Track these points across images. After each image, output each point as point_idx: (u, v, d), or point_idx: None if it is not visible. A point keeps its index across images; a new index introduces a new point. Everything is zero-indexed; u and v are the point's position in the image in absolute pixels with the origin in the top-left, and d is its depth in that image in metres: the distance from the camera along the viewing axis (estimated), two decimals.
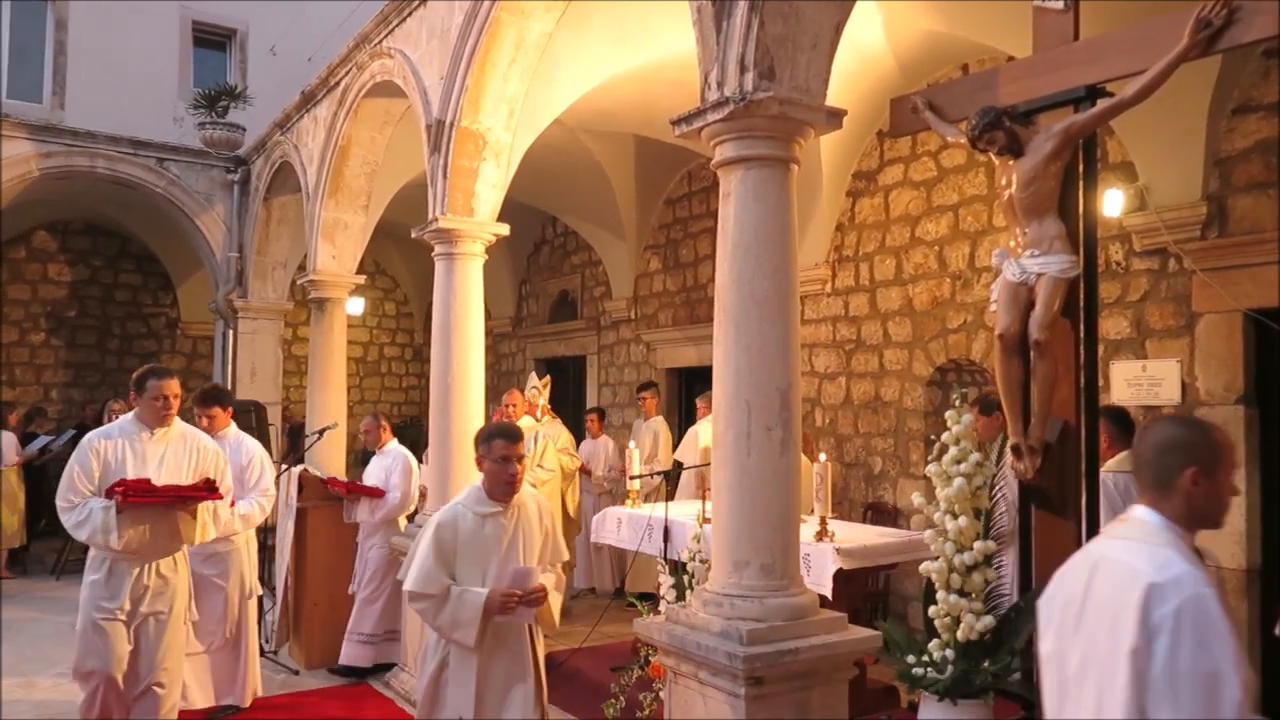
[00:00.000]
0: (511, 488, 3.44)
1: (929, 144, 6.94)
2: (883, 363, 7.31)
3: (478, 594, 3.30)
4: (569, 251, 11.60)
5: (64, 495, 4.18)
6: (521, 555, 3.46)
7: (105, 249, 13.27)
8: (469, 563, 3.37)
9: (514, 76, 5.85)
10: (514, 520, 3.45)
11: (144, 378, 4.36)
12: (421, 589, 3.31)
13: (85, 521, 4.18)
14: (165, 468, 4.35)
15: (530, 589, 3.37)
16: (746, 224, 3.52)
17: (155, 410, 4.35)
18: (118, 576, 4.34)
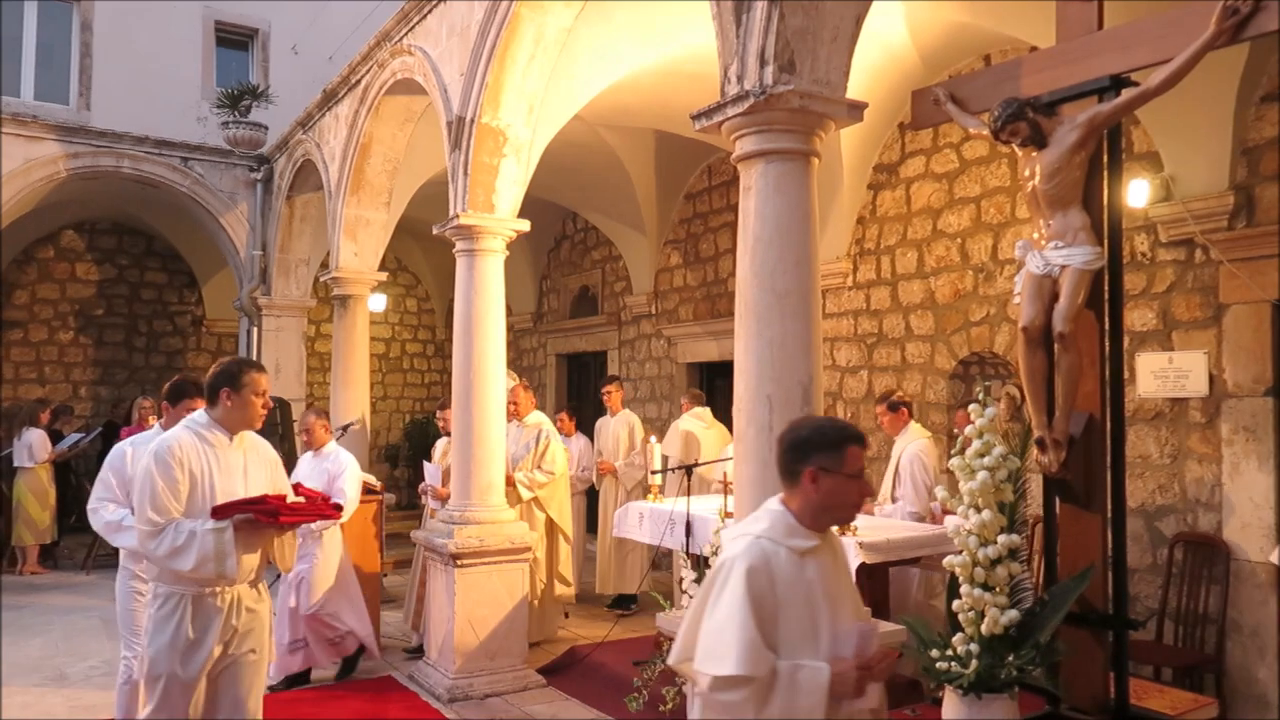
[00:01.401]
0: (854, 514, 2.54)
1: (951, 136, 6.89)
2: (905, 356, 7.28)
3: (818, 670, 2.24)
4: (589, 247, 11.61)
5: (145, 518, 3.31)
6: (845, 606, 2.45)
7: (131, 248, 13.43)
8: (793, 622, 2.28)
9: (534, 72, 5.86)
10: (831, 556, 2.45)
11: (238, 370, 3.56)
12: (750, 670, 2.18)
13: (186, 548, 3.29)
14: (250, 480, 3.57)
15: (883, 656, 2.37)
16: (767, 217, 3.52)
17: (255, 409, 3.57)
18: (205, 616, 3.39)
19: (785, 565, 2.31)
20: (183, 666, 3.34)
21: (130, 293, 13.41)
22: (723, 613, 2.24)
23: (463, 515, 5.86)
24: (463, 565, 5.71)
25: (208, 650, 3.38)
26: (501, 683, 5.77)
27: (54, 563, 10.10)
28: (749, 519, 2.48)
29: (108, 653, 6.61)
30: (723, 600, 2.26)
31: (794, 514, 2.37)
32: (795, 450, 2.38)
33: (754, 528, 2.38)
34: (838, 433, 2.40)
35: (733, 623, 2.21)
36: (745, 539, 2.35)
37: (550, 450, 6.90)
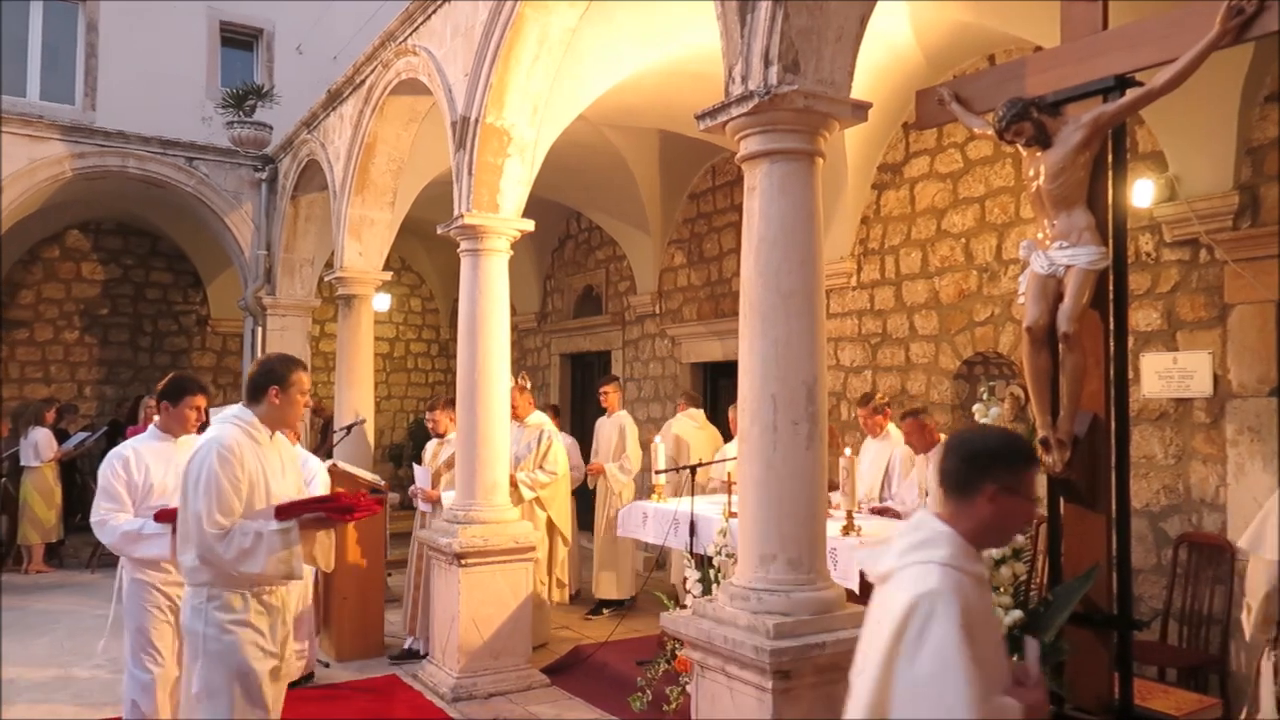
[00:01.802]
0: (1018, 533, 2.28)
1: (955, 136, 6.89)
2: (909, 356, 7.28)
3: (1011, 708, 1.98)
4: (593, 247, 11.62)
5: (213, 521, 3.20)
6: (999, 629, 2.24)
7: (136, 248, 13.46)
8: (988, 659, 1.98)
9: (538, 73, 5.87)
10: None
11: (286, 369, 3.47)
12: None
13: (254, 550, 3.21)
14: (288, 478, 3.52)
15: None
16: (772, 217, 3.52)
17: (299, 408, 3.54)
18: (271, 613, 3.36)
19: (974, 595, 1.98)
20: (266, 656, 3.30)
21: (135, 292, 13.44)
22: (933, 662, 1.85)
23: (467, 515, 5.87)
24: (467, 565, 5.72)
25: (274, 650, 3.35)
26: (505, 682, 5.78)
27: (59, 561, 10.13)
28: (915, 541, 2.04)
29: (113, 650, 6.61)
30: (929, 646, 1.85)
31: (963, 535, 2.03)
32: (975, 462, 2.06)
33: (935, 553, 1.98)
34: (1025, 448, 2.13)
35: (953, 674, 1.83)
36: (934, 568, 1.95)
37: (552, 450, 6.91)
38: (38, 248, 12.66)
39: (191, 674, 3.28)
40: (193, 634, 3.29)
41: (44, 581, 9.34)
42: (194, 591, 3.30)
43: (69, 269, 13.03)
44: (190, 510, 3.23)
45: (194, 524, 3.21)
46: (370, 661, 6.46)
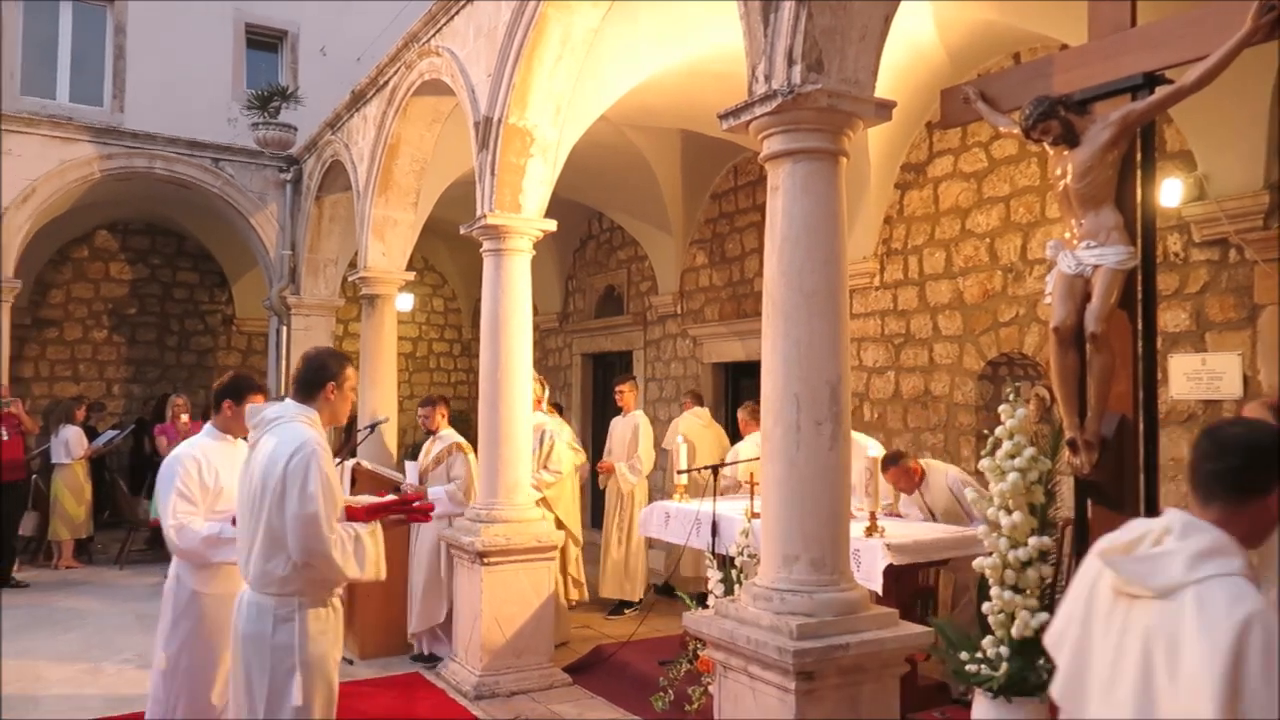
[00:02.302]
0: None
1: (979, 135, 6.84)
2: (932, 357, 7.23)
3: None
4: (615, 247, 11.62)
5: (332, 525, 3.05)
6: None
7: (163, 248, 13.60)
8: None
9: (560, 73, 5.89)
10: None
11: (339, 366, 3.35)
12: None
13: (357, 553, 3.14)
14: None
15: None
16: (795, 217, 3.51)
17: (349, 405, 3.46)
18: (339, 618, 3.29)
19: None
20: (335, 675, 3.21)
21: (162, 292, 13.59)
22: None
23: (489, 514, 5.89)
24: (489, 563, 5.74)
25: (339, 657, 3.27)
26: (528, 681, 5.80)
27: (88, 557, 10.26)
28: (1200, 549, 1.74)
29: (140, 646, 6.70)
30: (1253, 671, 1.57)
31: (1238, 540, 1.76)
32: (1264, 460, 1.78)
33: (1232, 564, 1.72)
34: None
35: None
36: (1242, 582, 1.69)
37: (555, 450, 6.91)
38: (67, 248, 12.83)
39: (265, 684, 3.06)
40: (280, 646, 3.06)
41: (73, 577, 9.46)
42: (280, 601, 3.08)
43: (98, 269, 13.19)
44: (293, 513, 2.99)
45: (301, 527, 2.99)
46: (393, 659, 6.50)
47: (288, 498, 3.00)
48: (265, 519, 3.03)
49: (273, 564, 3.05)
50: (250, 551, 3.10)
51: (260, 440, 3.16)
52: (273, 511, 3.02)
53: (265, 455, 3.08)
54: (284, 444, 3.06)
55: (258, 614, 3.08)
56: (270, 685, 3.05)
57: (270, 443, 3.11)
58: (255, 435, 3.20)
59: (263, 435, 3.17)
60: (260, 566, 3.06)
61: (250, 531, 3.10)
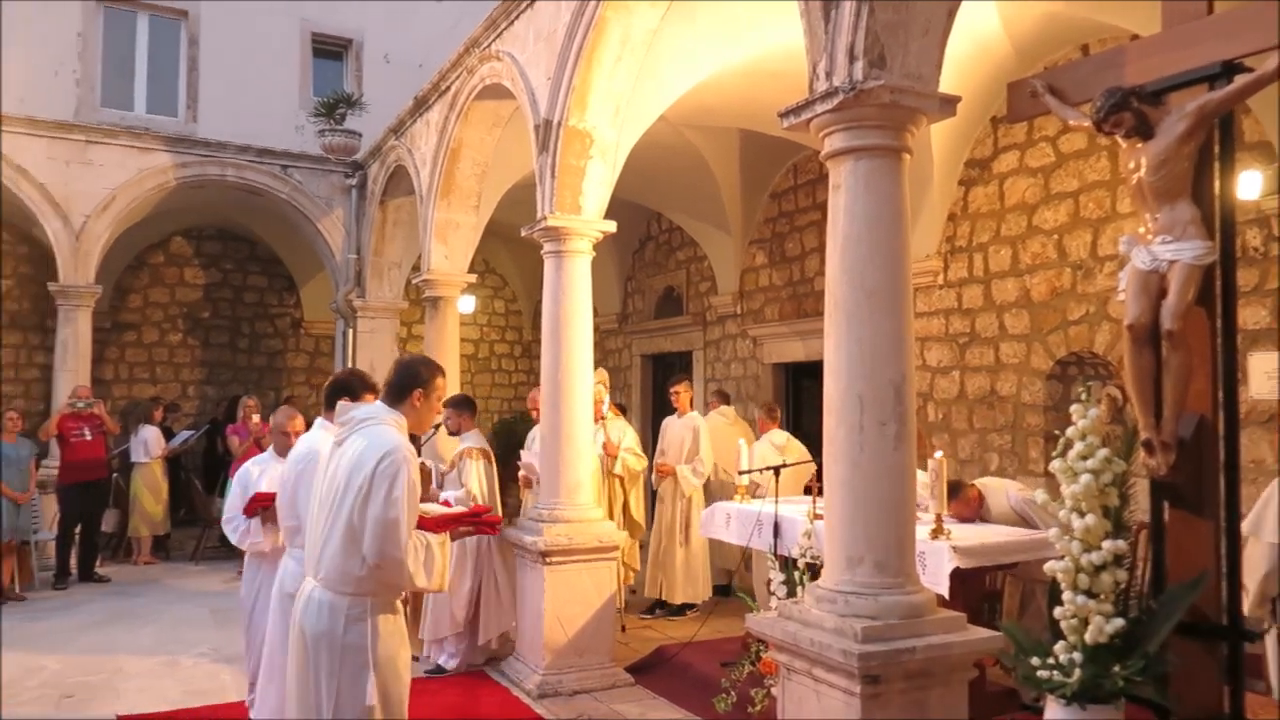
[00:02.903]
0: None
1: (1046, 129, 6.69)
2: (999, 356, 7.09)
3: None
4: (674, 247, 11.62)
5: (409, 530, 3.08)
6: None
7: (235, 253, 13.99)
8: None
9: (620, 74, 5.91)
10: None
11: (430, 374, 3.36)
12: None
13: (429, 561, 3.16)
14: None
15: None
16: (857, 215, 3.47)
17: (435, 413, 3.50)
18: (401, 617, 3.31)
19: None
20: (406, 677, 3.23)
21: (234, 296, 13.98)
22: None
23: (551, 514, 5.94)
24: (552, 563, 5.79)
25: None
26: (590, 680, 5.83)
27: (165, 554, 10.60)
28: None
29: (215, 640, 6.91)
30: None
31: None
32: None
33: None
34: None
35: None
36: None
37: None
38: (144, 254, 13.28)
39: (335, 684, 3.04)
40: (351, 646, 3.05)
41: (151, 573, 9.78)
42: (353, 600, 3.07)
43: (173, 274, 13.62)
44: (375, 516, 2.99)
45: (381, 530, 2.99)
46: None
47: (372, 500, 3.00)
48: (346, 518, 3.03)
49: (351, 563, 3.05)
50: (323, 547, 3.10)
51: (348, 440, 3.17)
52: (355, 511, 3.02)
53: (354, 455, 3.09)
54: (374, 446, 3.07)
55: (329, 613, 3.07)
56: (340, 685, 3.04)
57: (359, 443, 3.11)
58: (343, 434, 3.21)
59: (351, 435, 3.17)
60: (338, 565, 3.06)
61: (326, 528, 3.10)
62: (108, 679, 6.10)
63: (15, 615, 7.85)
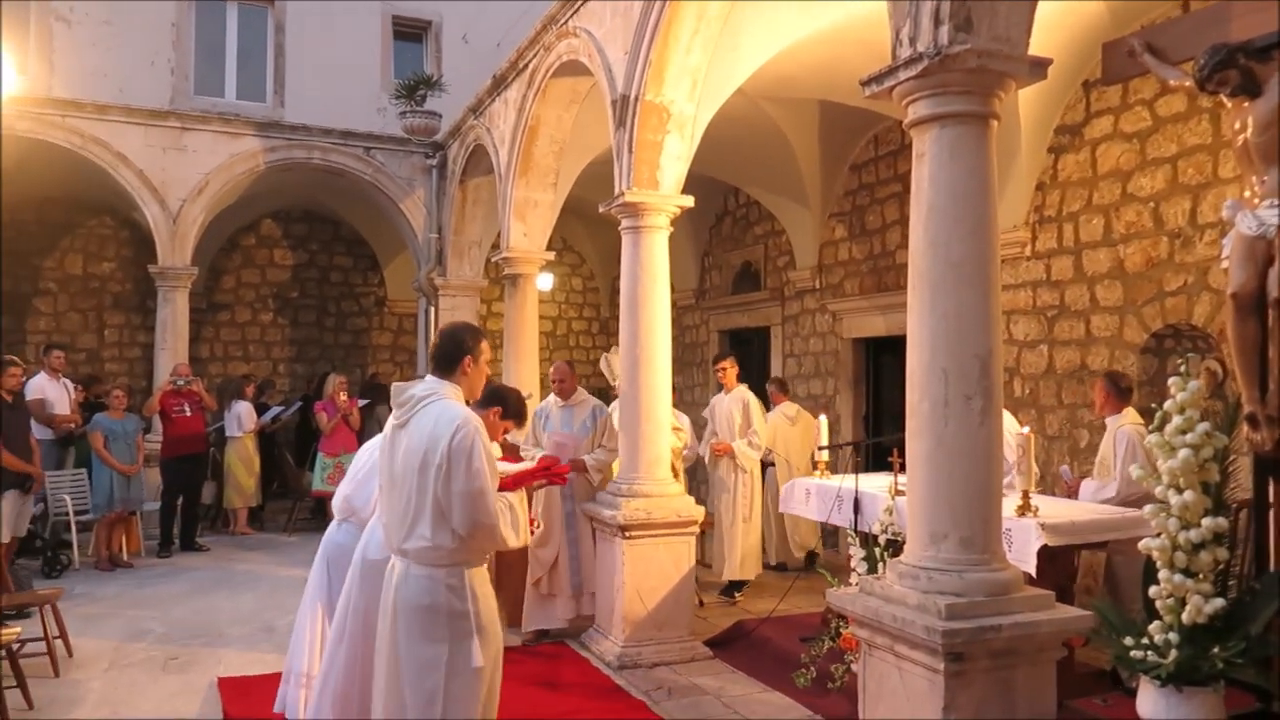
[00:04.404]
0: None
1: (1142, 92, 6.40)
2: (1089, 329, 6.85)
3: None
4: (751, 222, 11.52)
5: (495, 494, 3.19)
6: None
7: (321, 234, 14.38)
8: None
9: (696, 48, 5.86)
10: None
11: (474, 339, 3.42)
12: None
13: (515, 522, 3.29)
14: None
15: None
16: (942, 184, 3.38)
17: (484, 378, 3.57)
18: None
19: None
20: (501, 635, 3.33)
21: (320, 276, 14.38)
22: None
23: (630, 488, 5.98)
24: (631, 537, 5.84)
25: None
26: (669, 653, 5.88)
27: (260, 525, 11.03)
28: None
29: None
30: None
31: None
32: None
33: None
34: None
35: None
36: None
37: (610, 426, 6.60)
38: (236, 236, 13.74)
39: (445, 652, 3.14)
40: (456, 613, 3.15)
41: (247, 543, 10.20)
42: (449, 571, 3.16)
43: (263, 255, 14.08)
44: (460, 489, 3.08)
45: (470, 502, 3.09)
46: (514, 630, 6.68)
47: (455, 476, 3.08)
48: (431, 496, 3.10)
49: (441, 537, 3.12)
50: (410, 527, 3.15)
51: (412, 418, 3.22)
52: (440, 489, 3.09)
53: (425, 433, 3.15)
54: (444, 422, 3.13)
55: (429, 586, 3.13)
56: (450, 651, 3.12)
57: (428, 421, 3.17)
58: (405, 414, 3.25)
59: (414, 413, 3.22)
60: (429, 541, 3.12)
61: (406, 507, 3.16)
62: (208, 642, 6.40)
63: (125, 581, 8.28)
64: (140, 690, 5.45)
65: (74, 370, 11.18)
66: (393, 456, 3.26)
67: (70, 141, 10.33)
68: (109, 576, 8.46)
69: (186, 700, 5.29)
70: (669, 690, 5.39)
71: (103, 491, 8.77)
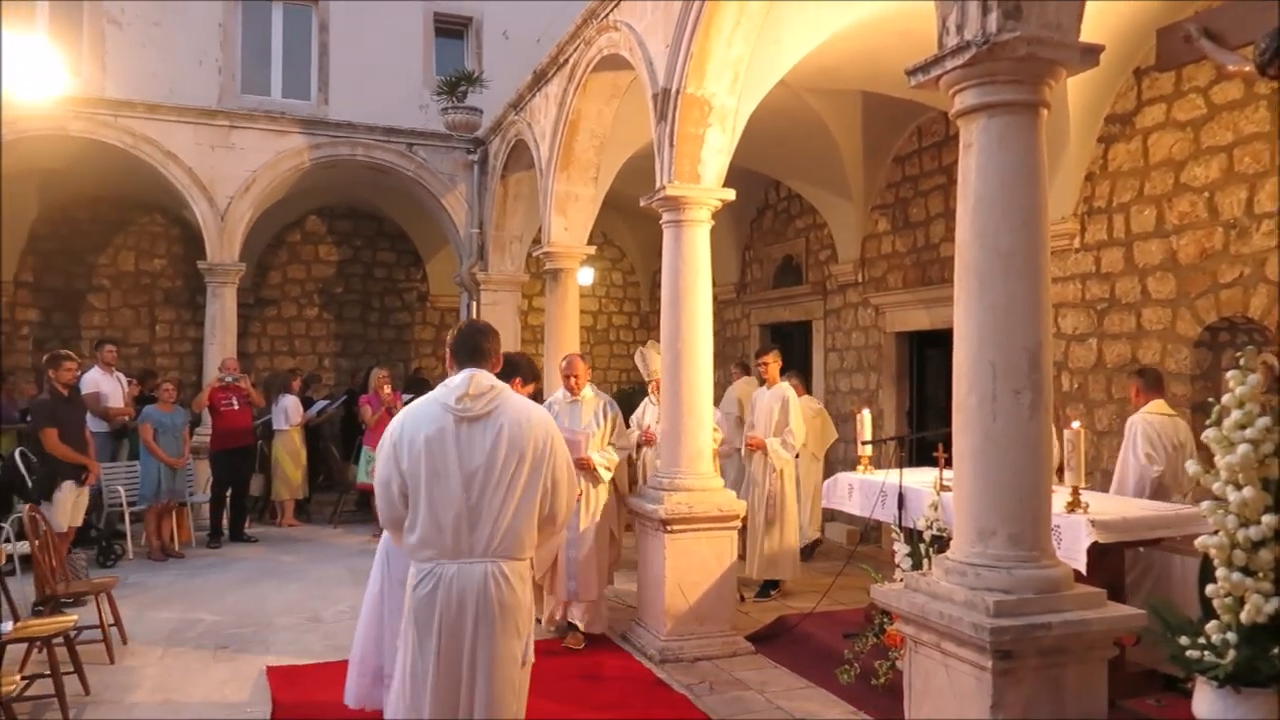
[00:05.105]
0: None
1: (1196, 79, 6.24)
2: (1140, 322, 6.71)
3: None
4: (793, 215, 11.44)
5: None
6: None
7: (364, 230, 14.55)
8: None
9: (738, 40, 5.82)
10: None
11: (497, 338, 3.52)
12: None
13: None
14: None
15: None
16: (990, 175, 3.33)
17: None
18: None
19: None
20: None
21: (364, 271, 14.55)
22: None
23: (672, 482, 5.98)
24: (673, 531, 5.84)
25: None
26: (711, 647, 5.87)
27: (307, 517, 11.20)
28: None
29: (354, 598, 7.25)
30: None
31: None
32: None
33: None
34: None
35: None
36: None
37: (619, 424, 6.41)
38: (282, 232, 13.95)
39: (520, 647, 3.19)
40: (527, 607, 3.22)
41: (294, 534, 10.37)
42: (523, 564, 3.24)
43: (309, 251, 14.28)
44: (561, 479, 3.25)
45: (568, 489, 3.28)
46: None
47: (557, 465, 3.25)
48: (534, 487, 3.16)
49: (529, 528, 3.19)
50: (495, 522, 3.11)
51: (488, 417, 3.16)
52: (546, 478, 3.19)
53: (512, 429, 3.16)
54: (529, 416, 3.24)
55: (519, 581, 3.17)
56: (525, 645, 3.20)
57: (513, 413, 3.20)
58: (472, 409, 3.15)
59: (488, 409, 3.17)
60: (520, 533, 3.15)
61: (493, 503, 3.11)
62: (257, 631, 6.51)
63: (176, 571, 8.46)
64: (192, 677, 5.56)
65: (126, 365, 11.43)
66: (463, 452, 3.12)
67: (122, 141, 10.55)
68: (161, 566, 8.65)
69: (237, 687, 5.39)
70: (711, 684, 5.39)
71: (150, 482, 8.96)
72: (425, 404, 3.26)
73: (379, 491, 3.22)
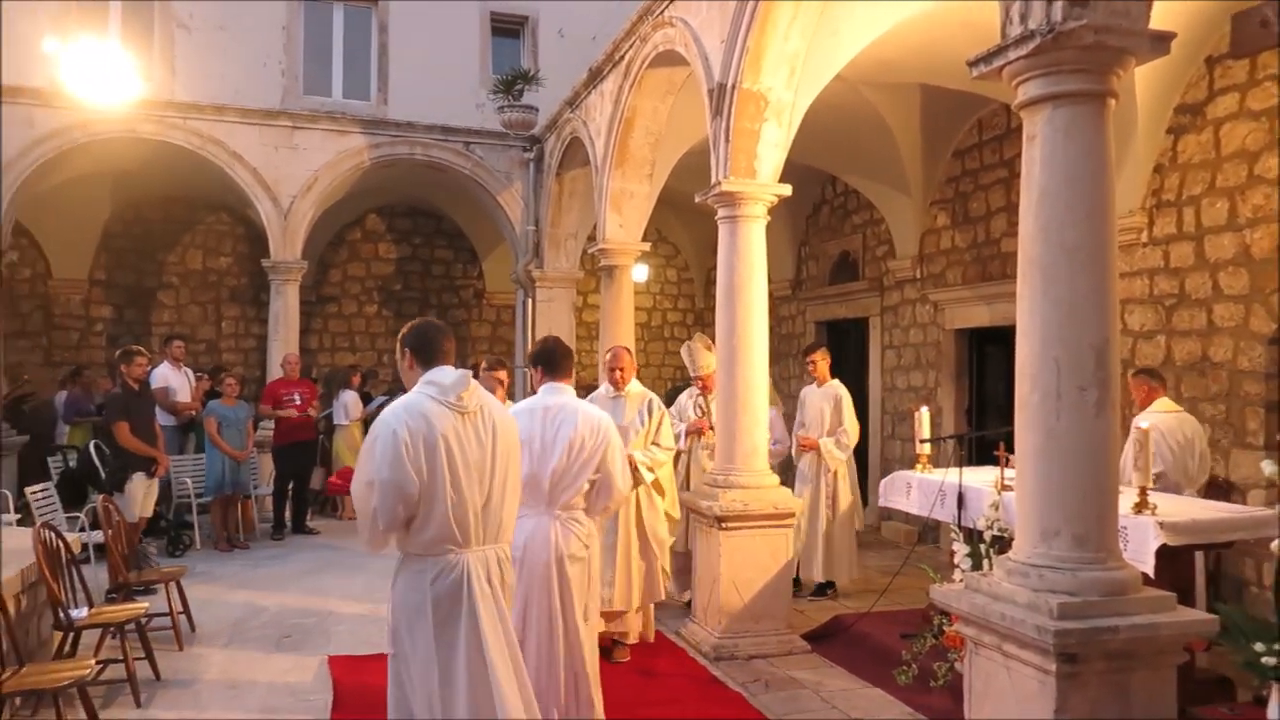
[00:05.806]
0: None
1: (1272, 66, 6.01)
2: (1211, 319, 6.50)
3: None
4: (849, 211, 11.31)
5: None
6: None
7: (423, 228, 14.75)
8: None
9: (794, 34, 5.78)
10: None
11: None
12: None
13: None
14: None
15: None
16: (1055, 167, 3.25)
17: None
18: None
19: None
20: None
21: (422, 269, 14.76)
22: None
23: (727, 480, 5.96)
24: (728, 528, 5.82)
25: None
26: (766, 645, 5.84)
27: None
28: None
29: None
30: None
31: None
32: None
33: None
34: None
35: None
36: None
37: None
38: (343, 231, 14.22)
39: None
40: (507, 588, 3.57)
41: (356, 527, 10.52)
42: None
43: (369, 249, 14.53)
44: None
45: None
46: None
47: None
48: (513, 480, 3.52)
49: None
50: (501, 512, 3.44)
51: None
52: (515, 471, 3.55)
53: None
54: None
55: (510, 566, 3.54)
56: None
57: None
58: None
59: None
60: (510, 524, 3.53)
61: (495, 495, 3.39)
62: (319, 622, 6.65)
63: (240, 562, 8.69)
64: (257, 665, 5.71)
65: (194, 361, 11.75)
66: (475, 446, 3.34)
67: (190, 142, 10.84)
68: (227, 557, 8.88)
69: (299, 676, 5.51)
70: (766, 683, 5.36)
71: (214, 475, 9.20)
72: (419, 403, 3.24)
73: (388, 494, 3.18)
